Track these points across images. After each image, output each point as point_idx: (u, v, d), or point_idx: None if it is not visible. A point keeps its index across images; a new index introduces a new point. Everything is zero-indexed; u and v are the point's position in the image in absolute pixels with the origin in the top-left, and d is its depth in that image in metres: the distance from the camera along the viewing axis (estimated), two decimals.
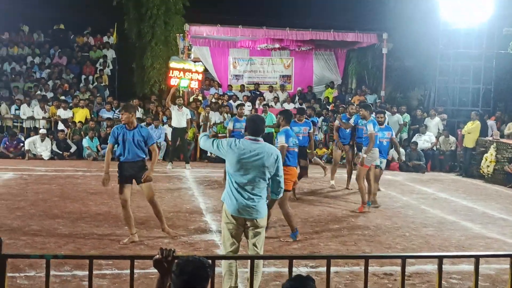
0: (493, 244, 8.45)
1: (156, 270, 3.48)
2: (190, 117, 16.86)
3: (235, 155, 5.41)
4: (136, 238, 7.83)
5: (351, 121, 12.56)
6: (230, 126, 13.05)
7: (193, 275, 3.11)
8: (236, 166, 5.41)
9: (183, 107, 16.03)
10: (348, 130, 12.76)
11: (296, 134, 10.07)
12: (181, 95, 19.34)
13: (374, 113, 11.08)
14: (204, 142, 5.71)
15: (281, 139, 8.33)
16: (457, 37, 19.14)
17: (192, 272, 3.11)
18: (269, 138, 16.41)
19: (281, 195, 5.75)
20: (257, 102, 20.28)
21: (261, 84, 22.93)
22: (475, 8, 17.86)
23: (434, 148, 17.47)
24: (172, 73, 19.07)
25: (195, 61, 20.88)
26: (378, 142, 10.61)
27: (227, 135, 13.00)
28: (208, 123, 6.47)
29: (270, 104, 19.99)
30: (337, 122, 13.15)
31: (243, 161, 5.39)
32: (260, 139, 5.53)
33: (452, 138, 17.52)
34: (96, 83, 21.73)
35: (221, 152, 5.54)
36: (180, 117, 15.83)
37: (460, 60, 19.35)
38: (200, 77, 19.98)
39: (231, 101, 20.52)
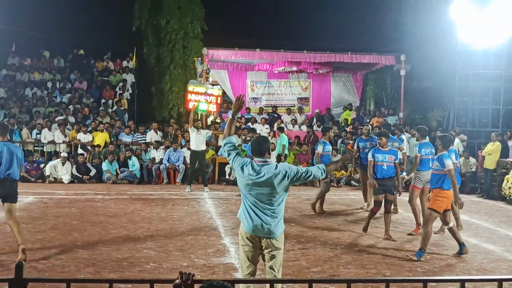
0: None
1: None
2: (209, 140, 16.97)
3: (244, 178, 5.42)
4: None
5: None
6: (319, 149, 12.57)
7: None
8: (247, 188, 5.42)
9: (202, 130, 16.09)
10: (367, 151, 12.71)
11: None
12: (199, 118, 19.47)
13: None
14: (228, 146, 5.72)
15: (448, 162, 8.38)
16: (476, 58, 19.06)
17: None
18: (279, 158, 16.45)
19: (322, 175, 5.55)
20: (275, 124, 20.34)
21: (279, 106, 23.00)
22: (493, 29, 17.81)
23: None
24: (191, 97, 19.25)
25: (213, 85, 21.06)
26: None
27: (318, 159, 12.50)
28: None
29: (287, 126, 20.03)
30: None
31: (252, 182, 5.38)
32: (268, 159, 5.51)
33: (472, 160, 17.36)
34: (115, 107, 21.97)
35: (233, 166, 5.59)
36: (198, 140, 15.86)
37: (479, 81, 19.26)
38: (218, 100, 20.14)
39: (249, 124, 20.60)
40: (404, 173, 10.90)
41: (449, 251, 9.21)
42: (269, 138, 5.86)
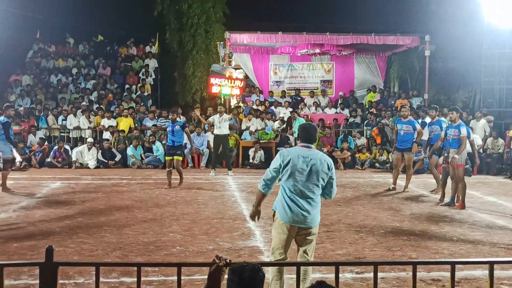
0: None
1: (202, 277, 3.52)
2: (233, 124, 16.99)
3: (288, 164, 5.40)
4: None
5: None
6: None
7: (251, 279, 3.24)
8: (290, 174, 5.40)
9: (224, 113, 16.10)
10: (402, 133, 12.81)
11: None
12: (222, 102, 19.51)
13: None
14: (266, 183, 5.58)
15: None
16: (502, 37, 18.72)
17: (249, 276, 3.24)
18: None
19: (332, 196, 5.59)
20: (299, 107, 20.27)
21: (302, 89, 22.89)
22: None
23: (481, 150, 17.10)
24: (214, 81, 19.27)
25: (236, 69, 21.06)
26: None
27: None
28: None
29: (310, 109, 19.95)
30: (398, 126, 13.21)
31: (296, 168, 5.37)
32: (313, 146, 5.52)
33: (500, 140, 17.13)
34: (139, 93, 22.09)
35: (280, 170, 5.48)
36: (221, 124, 15.88)
37: (505, 61, 18.92)
38: (241, 84, 20.14)
39: (272, 107, 20.56)
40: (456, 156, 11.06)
41: (475, 232, 9.12)
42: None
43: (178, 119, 13.90)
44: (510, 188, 14.28)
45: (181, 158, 13.65)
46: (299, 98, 22.09)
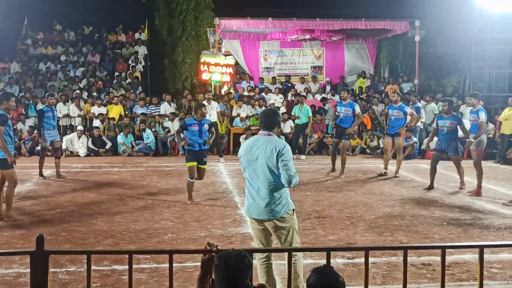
0: None
1: (194, 264, 3.53)
2: (220, 110, 16.95)
3: (242, 156, 5.31)
4: None
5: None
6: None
7: (237, 266, 3.24)
8: (244, 166, 5.28)
9: (212, 101, 16.11)
10: (393, 118, 12.92)
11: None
12: (212, 88, 19.48)
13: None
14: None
15: None
16: (492, 22, 18.71)
17: (235, 263, 3.24)
18: (304, 128, 16.36)
19: (289, 183, 5.11)
20: (289, 94, 20.24)
21: (292, 75, 22.86)
22: None
23: (490, 135, 17.10)
24: (204, 68, 19.22)
25: (226, 55, 20.96)
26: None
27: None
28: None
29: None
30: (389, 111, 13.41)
31: (247, 159, 5.23)
32: (272, 133, 5.26)
33: (490, 125, 17.18)
34: (129, 80, 21.97)
35: (241, 163, 5.40)
36: (210, 111, 15.92)
37: (496, 45, 18.94)
38: (231, 70, 20.09)
39: (263, 94, 20.53)
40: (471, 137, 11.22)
41: (465, 217, 9.19)
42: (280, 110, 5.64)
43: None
44: (500, 172, 14.38)
45: (206, 167, 10.67)
46: (289, 85, 22.06)
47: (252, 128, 17.80)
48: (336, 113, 13.39)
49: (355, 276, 6.16)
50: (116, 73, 22.58)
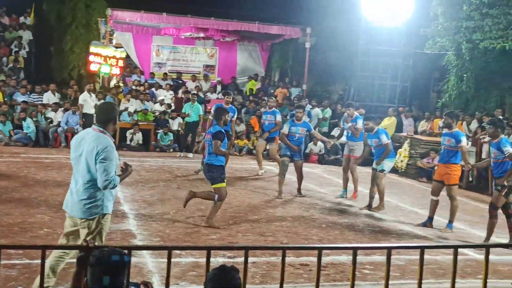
0: (404, 236, 8.77)
1: (71, 261, 3.40)
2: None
3: (72, 146, 5.13)
4: None
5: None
6: (285, 130, 11.51)
7: (112, 265, 3.17)
8: (71, 157, 5.10)
9: (92, 92, 15.81)
10: (266, 123, 13.14)
11: None
12: (101, 81, 18.92)
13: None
14: None
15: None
16: (378, 35, 19.65)
17: (109, 261, 3.17)
18: (195, 126, 16.25)
19: (102, 185, 4.89)
20: (180, 91, 20.08)
21: (184, 73, 22.70)
22: (395, 7, 18.37)
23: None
24: (93, 59, 18.62)
25: (117, 47, 20.41)
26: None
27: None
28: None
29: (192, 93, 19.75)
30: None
31: (74, 151, 5.05)
32: (104, 129, 5.02)
33: None
34: (11, 65, 20.78)
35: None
36: (91, 103, 15.69)
37: (380, 57, 19.90)
38: (121, 63, 19.61)
39: (153, 89, 20.22)
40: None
41: (343, 220, 9.55)
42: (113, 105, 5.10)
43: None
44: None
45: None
46: (180, 82, 21.88)
47: (140, 123, 17.46)
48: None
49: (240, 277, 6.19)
50: None
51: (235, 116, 13.48)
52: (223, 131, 8.60)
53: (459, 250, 4.03)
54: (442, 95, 17.69)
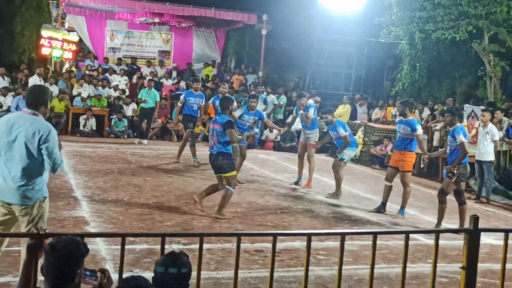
0: (357, 222, 8.92)
1: (19, 249, 3.33)
2: (60, 88, 16.23)
3: (0, 132, 4.85)
4: None
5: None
6: (237, 113, 10.94)
7: (67, 253, 3.12)
8: (0, 144, 4.86)
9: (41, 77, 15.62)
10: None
11: None
12: (53, 65, 18.49)
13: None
14: None
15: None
16: (333, 23, 19.80)
17: (66, 250, 3.12)
18: (151, 113, 16.06)
19: (57, 172, 4.97)
20: (135, 76, 19.81)
21: (139, 58, 22.39)
22: None
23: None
24: (44, 42, 18.19)
25: (69, 31, 19.97)
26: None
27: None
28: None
29: (146, 79, 19.50)
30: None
31: (5, 137, 4.80)
32: (37, 112, 4.86)
33: None
34: None
35: None
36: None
37: (335, 46, 20.07)
38: (74, 47, 19.20)
39: (106, 74, 19.88)
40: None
41: (298, 206, 9.64)
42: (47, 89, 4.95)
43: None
44: (331, 165, 15.25)
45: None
46: (135, 67, 21.58)
47: (93, 108, 17.16)
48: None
49: (190, 262, 6.18)
50: None
51: (203, 102, 13.32)
52: (231, 120, 8.59)
53: (410, 235, 4.11)
54: (396, 83, 17.98)
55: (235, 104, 11.25)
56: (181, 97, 13.28)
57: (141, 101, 16.30)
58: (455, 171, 8.42)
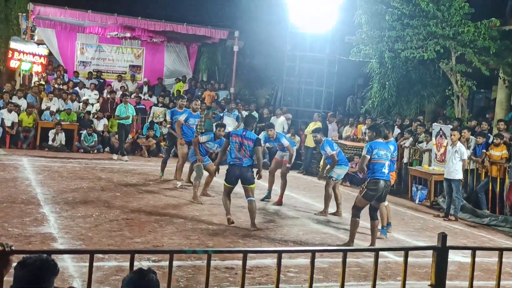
0: (327, 239, 8.94)
1: None
2: (28, 102, 16.00)
3: None
4: None
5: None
6: (181, 118, 12.18)
7: (37, 272, 3.07)
8: None
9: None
10: (194, 128, 12.62)
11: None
12: (21, 78, 18.25)
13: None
14: None
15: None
16: (304, 41, 19.97)
17: (36, 268, 3.07)
18: (129, 127, 15.94)
19: None
20: (105, 91, 19.66)
21: (110, 72, 22.26)
22: (321, 15, 18.73)
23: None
24: (13, 55, 17.99)
25: (39, 44, 19.75)
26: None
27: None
28: None
29: (117, 94, 19.35)
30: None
31: None
32: None
33: (297, 138, 18.24)
34: None
35: None
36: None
37: (305, 63, 20.21)
38: (43, 60, 19.02)
39: (76, 88, 19.69)
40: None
41: (269, 223, 9.63)
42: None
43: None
44: (303, 182, 15.34)
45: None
46: (102, 81, 21.43)
47: (62, 123, 16.95)
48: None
49: (160, 279, 6.10)
50: None
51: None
52: (260, 138, 9.51)
53: (380, 253, 4.14)
54: (366, 101, 18.17)
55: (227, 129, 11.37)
56: (181, 118, 12.32)
57: (122, 118, 15.79)
58: (364, 186, 8.47)
